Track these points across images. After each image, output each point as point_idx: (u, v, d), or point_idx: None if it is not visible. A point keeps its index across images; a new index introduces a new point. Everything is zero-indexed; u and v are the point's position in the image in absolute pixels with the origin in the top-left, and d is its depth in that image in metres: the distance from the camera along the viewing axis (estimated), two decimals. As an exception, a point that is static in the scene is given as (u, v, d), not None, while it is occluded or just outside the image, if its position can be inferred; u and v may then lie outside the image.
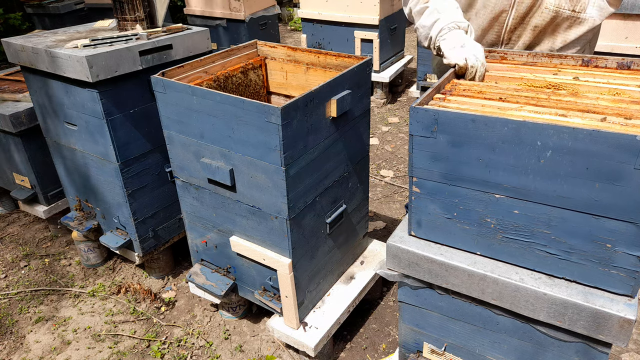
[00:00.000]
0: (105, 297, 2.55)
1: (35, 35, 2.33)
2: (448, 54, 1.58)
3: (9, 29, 5.67)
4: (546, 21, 1.64)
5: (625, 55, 3.04)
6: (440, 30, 1.61)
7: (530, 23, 1.67)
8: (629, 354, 2.09)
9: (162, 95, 1.83)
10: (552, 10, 1.61)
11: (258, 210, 1.81)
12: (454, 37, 1.58)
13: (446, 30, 1.60)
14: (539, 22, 1.65)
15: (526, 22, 1.68)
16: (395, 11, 4.72)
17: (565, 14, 1.61)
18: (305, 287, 1.98)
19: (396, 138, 4.22)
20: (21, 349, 2.29)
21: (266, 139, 1.61)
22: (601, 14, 1.61)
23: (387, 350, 2.18)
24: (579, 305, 1.24)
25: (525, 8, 1.64)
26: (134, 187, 2.31)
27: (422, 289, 1.55)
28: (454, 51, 1.56)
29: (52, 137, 2.46)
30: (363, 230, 2.33)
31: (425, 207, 1.44)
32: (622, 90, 1.39)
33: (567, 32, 1.66)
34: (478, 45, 1.56)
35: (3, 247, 3.02)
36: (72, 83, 2.11)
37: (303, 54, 2.16)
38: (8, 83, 3.00)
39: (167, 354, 2.21)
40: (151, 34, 2.21)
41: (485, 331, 1.49)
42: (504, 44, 1.76)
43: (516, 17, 1.67)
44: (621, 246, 1.18)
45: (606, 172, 1.12)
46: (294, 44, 5.72)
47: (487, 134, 1.23)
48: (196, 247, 2.19)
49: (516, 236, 1.32)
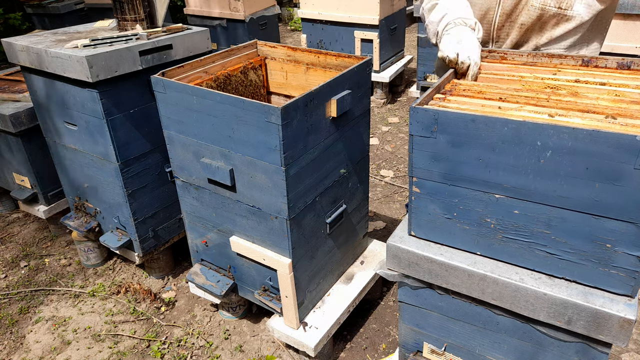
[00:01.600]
0: (105, 297, 2.55)
1: (35, 35, 2.33)
2: (443, 47, 1.58)
3: (9, 29, 5.67)
4: (532, 19, 1.64)
5: (625, 55, 3.04)
6: (446, 25, 1.61)
7: (517, 21, 1.67)
8: (629, 354, 2.09)
9: (162, 95, 1.83)
10: (537, 8, 1.61)
11: (258, 210, 1.81)
12: (457, 32, 1.58)
13: (452, 25, 1.60)
14: (525, 20, 1.66)
15: (513, 19, 1.68)
16: (395, 11, 4.72)
17: (552, 11, 1.60)
18: (305, 287, 1.98)
19: (396, 138, 4.22)
20: (21, 349, 2.29)
21: (266, 139, 1.61)
22: (589, 10, 1.60)
23: (387, 350, 2.18)
24: (579, 305, 1.24)
25: (510, 6, 1.65)
26: (134, 187, 2.31)
27: (422, 289, 1.54)
28: (448, 45, 1.56)
29: (52, 137, 2.46)
30: (363, 230, 2.33)
31: (425, 207, 1.44)
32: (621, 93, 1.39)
33: (554, 29, 1.66)
34: (476, 45, 1.55)
35: (3, 247, 3.02)
36: (72, 83, 2.11)
37: (303, 54, 2.16)
38: (8, 83, 3.00)
39: (167, 354, 2.21)
40: (151, 34, 2.21)
41: (485, 331, 1.49)
42: (493, 41, 1.77)
43: (502, 15, 1.68)
44: (621, 246, 1.18)
45: (606, 172, 1.12)
46: (294, 44, 5.72)
47: (487, 134, 1.23)
48: (196, 247, 2.19)
49: (516, 236, 1.32)
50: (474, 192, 1.33)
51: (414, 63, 5.77)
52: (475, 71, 1.55)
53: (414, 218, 1.48)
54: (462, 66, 1.55)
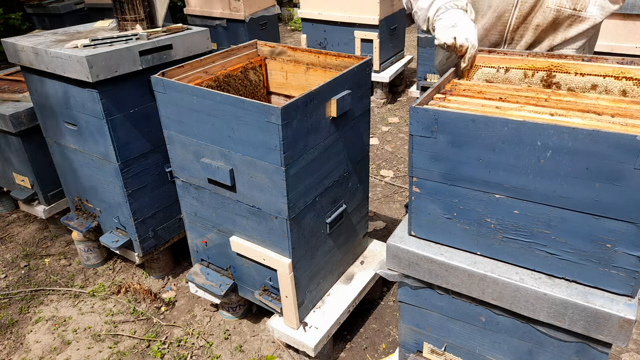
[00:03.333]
0: (105, 297, 2.55)
1: (35, 35, 2.33)
2: (438, 34, 1.56)
3: (9, 29, 5.67)
4: (548, 20, 1.65)
5: (625, 55, 3.04)
6: (437, 10, 1.60)
7: (532, 22, 1.68)
8: (629, 354, 2.09)
9: (162, 95, 1.83)
10: (553, 10, 1.62)
11: (258, 210, 1.81)
12: (449, 16, 1.56)
13: (443, 9, 1.59)
14: (541, 22, 1.66)
15: (528, 21, 1.68)
16: (395, 11, 4.72)
17: (567, 12, 1.61)
18: (305, 287, 1.98)
19: (396, 138, 4.22)
20: (21, 349, 2.29)
21: (266, 139, 1.61)
22: (602, 12, 1.61)
23: (387, 350, 2.18)
24: (579, 305, 1.24)
25: (527, 8, 1.65)
26: (134, 187, 2.31)
27: (422, 289, 1.54)
28: (444, 30, 1.55)
29: (52, 137, 2.46)
30: (363, 230, 2.33)
31: (425, 207, 1.44)
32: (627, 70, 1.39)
33: (567, 30, 1.67)
34: (471, 25, 1.54)
35: (3, 247, 3.02)
36: (72, 83, 2.11)
37: (303, 54, 2.16)
38: (8, 83, 3.00)
39: (167, 354, 2.21)
40: (151, 34, 2.21)
41: (485, 331, 1.49)
42: (506, 43, 1.77)
43: (519, 17, 1.68)
44: (621, 246, 1.18)
45: (606, 172, 1.12)
46: (294, 44, 5.72)
47: (487, 134, 1.23)
48: (196, 247, 2.19)
49: (516, 236, 1.32)
50: (474, 192, 1.33)
51: (414, 63, 5.77)
52: (472, 53, 1.55)
53: (414, 218, 1.48)
54: (460, 49, 1.53)
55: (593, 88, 1.47)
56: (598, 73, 1.46)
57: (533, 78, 1.57)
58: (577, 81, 1.50)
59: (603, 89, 1.46)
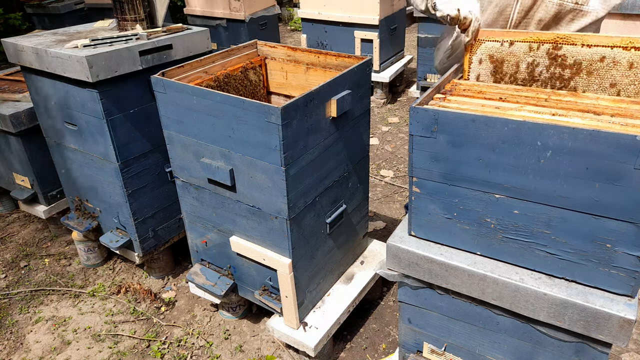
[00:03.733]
0: (105, 297, 2.55)
1: (35, 35, 2.33)
2: (441, 6, 1.54)
3: (9, 29, 5.67)
4: (550, 14, 1.64)
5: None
6: None
7: (535, 17, 1.67)
8: (629, 354, 2.09)
9: (162, 95, 1.83)
10: (555, 4, 1.61)
11: (258, 210, 1.81)
12: None
13: None
14: (543, 16, 1.66)
15: (530, 16, 1.68)
16: (395, 11, 4.72)
17: (569, 6, 1.61)
18: (305, 287, 1.98)
19: (396, 138, 4.22)
20: (21, 349, 2.29)
21: (266, 139, 1.61)
22: (605, 6, 1.61)
23: (387, 350, 2.18)
24: (579, 305, 1.24)
25: (529, 2, 1.65)
26: (134, 187, 2.31)
27: (422, 289, 1.55)
28: (447, 2, 1.53)
29: (52, 137, 2.46)
30: (363, 230, 2.33)
31: (425, 207, 1.44)
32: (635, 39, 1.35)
33: (570, 24, 1.66)
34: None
35: (3, 247, 3.02)
36: (72, 83, 2.11)
37: (303, 54, 2.16)
38: (8, 83, 3.00)
39: (167, 354, 2.21)
40: (151, 34, 2.21)
41: (485, 331, 1.49)
42: None
43: (520, 12, 1.68)
44: (621, 246, 1.18)
45: (606, 172, 1.12)
46: (294, 44, 5.72)
47: (487, 134, 1.23)
48: (196, 247, 2.19)
49: (516, 236, 1.32)
50: (474, 192, 1.33)
51: (414, 63, 5.77)
52: (476, 26, 1.53)
53: (414, 218, 1.48)
54: (464, 22, 1.52)
55: (601, 60, 1.42)
56: (606, 44, 1.41)
57: (538, 51, 1.51)
58: (584, 53, 1.45)
59: (611, 61, 1.41)
